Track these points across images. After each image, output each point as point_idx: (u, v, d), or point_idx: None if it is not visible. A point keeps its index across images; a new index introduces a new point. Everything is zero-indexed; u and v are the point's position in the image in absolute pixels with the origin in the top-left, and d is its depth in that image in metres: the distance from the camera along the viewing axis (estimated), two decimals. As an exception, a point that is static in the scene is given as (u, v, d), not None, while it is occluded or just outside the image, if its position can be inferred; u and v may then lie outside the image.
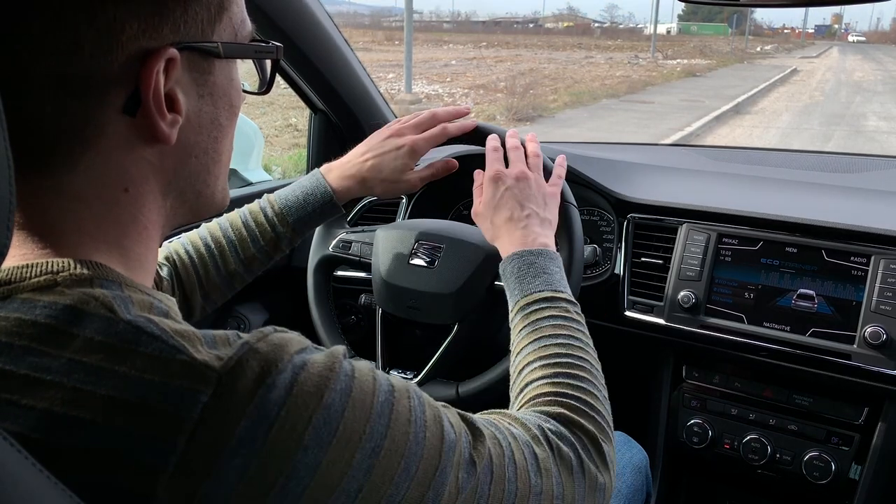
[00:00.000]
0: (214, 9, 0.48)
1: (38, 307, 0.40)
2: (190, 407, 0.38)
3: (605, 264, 1.27)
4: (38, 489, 0.33)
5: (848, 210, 1.15)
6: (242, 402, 0.39)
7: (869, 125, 11.18)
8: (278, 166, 4.64)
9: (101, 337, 0.39)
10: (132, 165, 0.46)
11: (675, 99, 13.86)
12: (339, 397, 0.42)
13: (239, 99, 0.53)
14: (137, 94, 0.44)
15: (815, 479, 1.11)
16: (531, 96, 12.78)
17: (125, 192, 0.47)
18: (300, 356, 0.43)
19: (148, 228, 0.49)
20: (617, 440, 1.05)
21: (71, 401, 0.38)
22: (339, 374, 0.43)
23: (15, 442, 0.33)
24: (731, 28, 55.35)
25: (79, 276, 0.42)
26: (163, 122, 0.46)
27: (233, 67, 0.52)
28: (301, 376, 0.41)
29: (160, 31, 0.44)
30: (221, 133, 0.52)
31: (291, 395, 0.40)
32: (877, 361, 1.03)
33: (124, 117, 0.44)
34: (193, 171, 0.51)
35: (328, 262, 1.17)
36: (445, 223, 1.14)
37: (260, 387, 0.40)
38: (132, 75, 0.44)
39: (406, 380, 0.50)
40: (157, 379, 0.38)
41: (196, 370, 0.39)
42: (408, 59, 11.40)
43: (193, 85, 0.48)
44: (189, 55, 0.47)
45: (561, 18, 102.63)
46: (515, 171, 0.88)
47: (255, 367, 0.40)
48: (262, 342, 0.42)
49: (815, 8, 15.98)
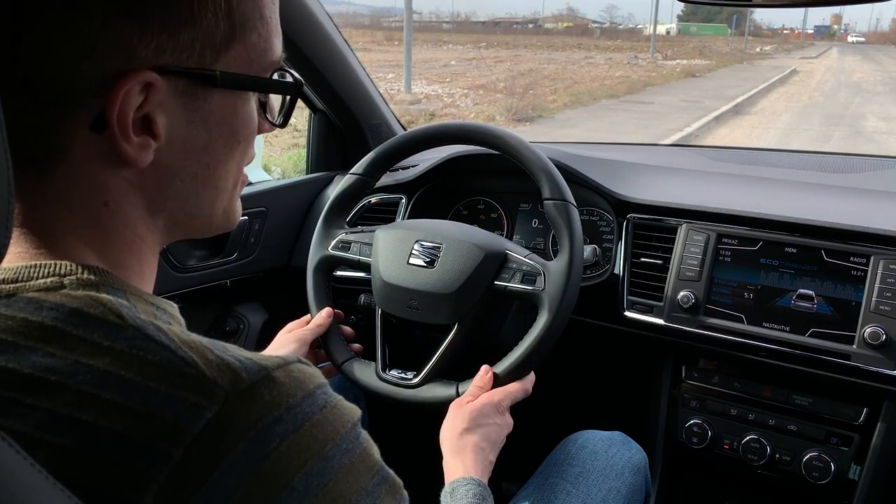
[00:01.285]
0: (222, 35, 0.46)
1: (45, 308, 0.40)
2: (192, 420, 0.38)
3: (604, 264, 1.27)
4: (37, 489, 0.33)
5: (847, 210, 1.15)
6: (246, 425, 0.38)
7: (868, 126, 11.18)
8: (278, 166, 4.65)
9: (108, 342, 0.39)
10: (108, 181, 0.46)
11: (675, 99, 13.85)
12: (342, 456, 0.42)
13: (246, 128, 0.51)
14: (104, 113, 0.43)
15: (815, 479, 1.10)
16: (531, 97, 12.78)
17: (105, 206, 0.46)
18: (319, 397, 0.42)
19: (136, 242, 0.49)
20: (616, 440, 1.05)
21: (74, 402, 0.38)
22: (350, 436, 0.43)
23: (14, 442, 0.33)
24: (730, 29, 55.38)
25: (85, 281, 0.42)
26: (127, 145, 0.44)
27: (239, 97, 0.50)
28: (314, 419, 0.41)
29: (138, 53, 0.43)
30: (216, 161, 0.50)
31: (297, 434, 0.40)
32: (876, 362, 1.03)
33: (93, 134, 0.44)
34: (180, 193, 0.50)
35: (328, 263, 1.17)
36: (444, 223, 1.14)
37: (267, 416, 0.39)
38: (103, 93, 0.43)
39: (401, 485, 0.48)
40: (162, 389, 0.38)
41: (204, 385, 0.39)
42: (407, 60, 11.39)
43: (183, 110, 0.46)
44: (177, 80, 0.45)
45: (560, 19, 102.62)
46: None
47: (266, 396, 0.40)
48: (280, 371, 0.41)
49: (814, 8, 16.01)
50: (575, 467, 0.97)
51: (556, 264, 1.01)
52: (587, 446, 1.01)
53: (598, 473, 0.97)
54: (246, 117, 0.51)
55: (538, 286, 1.00)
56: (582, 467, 0.97)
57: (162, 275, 1.23)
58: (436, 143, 1.19)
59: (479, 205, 1.45)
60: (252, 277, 1.43)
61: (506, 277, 1.03)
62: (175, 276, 1.27)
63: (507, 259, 1.04)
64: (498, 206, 1.43)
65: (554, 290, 0.99)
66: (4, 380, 0.38)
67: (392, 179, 1.43)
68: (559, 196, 1.04)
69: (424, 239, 1.08)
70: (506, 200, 1.42)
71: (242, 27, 0.47)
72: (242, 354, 0.42)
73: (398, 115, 1.67)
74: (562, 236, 1.02)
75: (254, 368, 0.41)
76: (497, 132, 1.10)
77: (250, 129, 0.52)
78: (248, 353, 0.43)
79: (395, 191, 1.43)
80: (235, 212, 0.56)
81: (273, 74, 0.53)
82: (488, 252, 1.04)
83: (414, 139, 1.18)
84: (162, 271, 1.24)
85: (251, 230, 1.40)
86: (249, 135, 0.52)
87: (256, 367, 0.41)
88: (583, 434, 1.06)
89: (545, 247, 1.38)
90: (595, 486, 0.95)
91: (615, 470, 0.98)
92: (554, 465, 0.99)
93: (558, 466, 0.98)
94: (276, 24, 0.52)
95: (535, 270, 1.02)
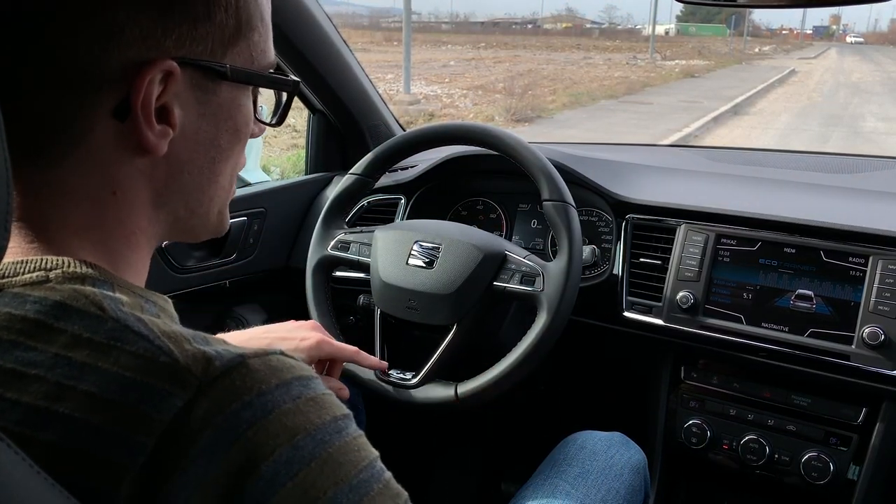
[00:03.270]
0: (230, 32, 0.48)
1: (29, 302, 0.40)
2: (164, 409, 0.37)
3: (603, 265, 1.27)
4: (30, 485, 0.33)
5: (846, 211, 1.15)
6: (215, 411, 0.38)
7: (867, 126, 11.19)
8: (277, 166, 4.65)
9: (88, 333, 0.39)
10: (120, 169, 0.46)
11: (674, 100, 13.86)
12: (315, 446, 0.40)
13: (246, 126, 0.53)
14: (128, 100, 0.44)
15: (814, 479, 1.11)
16: (530, 97, 12.78)
17: (112, 195, 0.47)
18: (295, 387, 0.41)
19: (136, 234, 0.49)
20: (615, 440, 1.05)
21: (53, 395, 0.38)
22: (327, 428, 0.41)
23: (5, 437, 0.33)
24: (729, 29, 55.40)
25: (71, 274, 0.42)
26: (150, 132, 0.45)
27: (242, 93, 0.52)
28: (285, 407, 0.40)
29: (162, 43, 0.44)
30: (221, 155, 0.52)
31: (265, 420, 0.39)
32: (875, 362, 1.03)
33: (113, 121, 0.45)
34: (186, 186, 0.51)
35: (327, 263, 1.17)
36: (444, 224, 1.14)
37: (236, 401, 0.38)
38: (126, 80, 0.44)
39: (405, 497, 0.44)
40: (137, 378, 0.38)
41: (177, 373, 0.39)
42: (406, 60, 11.39)
43: (195, 102, 0.48)
44: (193, 72, 0.47)
45: (559, 19, 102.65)
46: None
47: (237, 381, 0.39)
48: (257, 359, 0.41)
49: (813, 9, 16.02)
50: (574, 468, 0.97)
51: (555, 265, 1.01)
52: (586, 447, 1.01)
53: (597, 474, 0.97)
54: (247, 114, 0.53)
55: (537, 287, 1.00)
56: (581, 468, 0.97)
57: (161, 276, 1.25)
58: (435, 144, 1.19)
59: (478, 205, 1.45)
60: (251, 278, 1.43)
61: (505, 278, 1.03)
62: (174, 277, 1.27)
63: (506, 260, 1.04)
64: (497, 207, 1.43)
65: (553, 291, 0.99)
66: None
67: (391, 180, 1.43)
68: (558, 197, 1.04)
69: (423, 239, 1.09)
70: (505, 201, 1.43)
71: (247, 25, 0.49)
72: (222, 346, 0.42)
73: (397, 115, 1.67)
74: (561, 237, 1.02)
75: (228, 356, 0.40)
76: (496, 132, 1.10)
77: (249, 126, 0.54)
78: (232, 345, 0.42)
79: (395, 191, 1.43)
80: (227, 216, 0.57)
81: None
82: (487, 253, 1.04)
83: (413, 140, 1.19)
84: (161, 272, 1.25)
85: (250, 231, 1.40)
86: (247, 132, 0.54)
87: (231, 355, 0.40)
88: (582, 434, 1.06)
89: (544, 247, 1.38)
90: (594, 487, 0.95)
91: (614, 470, 0.99)
92: (553, 466, 0.99)
93: (558, 467, 0.98)
94: (271, 28, 0.54)
95: (534, 271, 1.02)
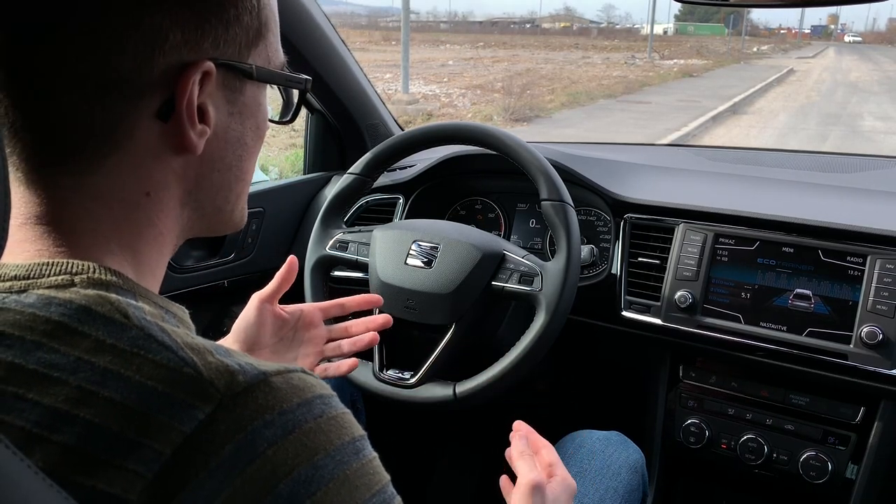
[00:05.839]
0: (253, 33, 0.50)
1: (54, 304, 0.41)
2: (185, 420, 0.38)
3: (601, 264, 1.27)
4: (32, 490, 0.33)
5: (844, 210, 1.15)
6: (236, 427, 0.38)
7: (865, 125, 11.20)
8: (275, 166, 4.63)
9: (111, 339, 0.40)
10: (157, 171, 0.47)
11: (672, 99, 13.87)
12: (334, 467, 0.40)
13: (265, 123, 0.55)
14: (172, 101, 0.45)
15: (812, 478, 1.11)
16: (528, 96, 12.78)
17: (146, 196, 0.48)
18: (317, 406, 0.41)
19: (163, 234, 0.50)
20: (614, 440, 1.05)
21: (74, 399, 0.38)
22: (346, 449, 0.41)
23: (10, 444, 0.33)
24: (727, 28, 55.46)
25: (96, 280, 0.43)
26: (192, 132, 0.47)
27: (262, 92, 0.54)
28: (306, 426, 0.40)
29: (201, 45, 0.46)
30: (246, 153, 0.54)
31: (286, 439, 0.39)
32: (873, 361, 1.03)
33: (156, 122, 0.46)
34: (215, 184, 0.52)
35: (325, 263, 1.17)
36: (442, 223, 1.14)
37: (257, 419, 0.39)
38: (169, 82, 0.45)
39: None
40: (159, 387, 0.38)
41: (200, 386, 0.39)
42: (405, 60, 11.39)
43: (224, 102, 0.50)
44: (224, 72, 0.48)
45: (558, 19, 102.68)
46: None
47: (260, 399, 0.39)
48: (279, 377, 0.41)
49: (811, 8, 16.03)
50: (572, 467, 0.97)
51: (553, 265, 1.01)
52: (584, 446, 1.01)
53: (595, 473, 0.97)
54: (266, 112, 0.55)
55: (535, 287, 1.00)
56: (579, 467, 0.97)
57: (159, 275, 1.25)
58: (433, 144, 1.19)
59: (477, 205, 1.45)
60: (249, 278, 1.43)
61: (503, 278, 1.03)
62: (173, 277, 1.27)
63: (504, 259, 1.04)
64: (495, 207, 1.43)
65: (551, 291, 0.99)
66: (9, 375, 0.38)
67: (389, 179, 1.43)
68: (557, 196, 1.04)
69: (422, 239, 1.09)
70: (503, 200, 1.43)
71: (266, 27, 0.51)
72: (245, 360, 0.42)
73: (395, 115, 1.67)
74: (559, 237, 1.02)
75: (252, 372, 0.40)
76: (494, 132, 1.10)
77: (267, 124, 0.56)
78: (253, 359, 0.42)
79: (393, 191, 1.43)
80: (246, 211, 0.58)
81: None
82: (486, 252, 1.04)
83: (411, 139, 1.19)
84: (159, 272, 1.25)
85: (248, 230, 1.40)
86: (266, 130, 0.56)
87: (255, 371, 0.41)
88: (580, 434, 1.06)
89: (543, 247, 1.38)
90: (592, 486, 0.95)
91: (612, 469, 0.98)
92: (552, 465, 0.99)
93: (556, 466, 0.98)
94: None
95: (532, 271, 1.02)
